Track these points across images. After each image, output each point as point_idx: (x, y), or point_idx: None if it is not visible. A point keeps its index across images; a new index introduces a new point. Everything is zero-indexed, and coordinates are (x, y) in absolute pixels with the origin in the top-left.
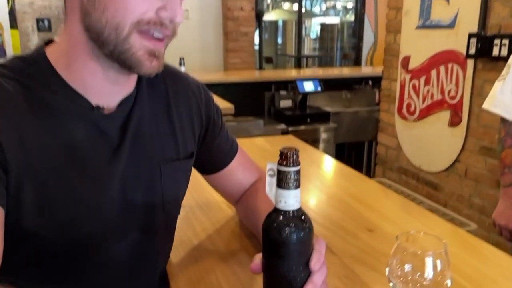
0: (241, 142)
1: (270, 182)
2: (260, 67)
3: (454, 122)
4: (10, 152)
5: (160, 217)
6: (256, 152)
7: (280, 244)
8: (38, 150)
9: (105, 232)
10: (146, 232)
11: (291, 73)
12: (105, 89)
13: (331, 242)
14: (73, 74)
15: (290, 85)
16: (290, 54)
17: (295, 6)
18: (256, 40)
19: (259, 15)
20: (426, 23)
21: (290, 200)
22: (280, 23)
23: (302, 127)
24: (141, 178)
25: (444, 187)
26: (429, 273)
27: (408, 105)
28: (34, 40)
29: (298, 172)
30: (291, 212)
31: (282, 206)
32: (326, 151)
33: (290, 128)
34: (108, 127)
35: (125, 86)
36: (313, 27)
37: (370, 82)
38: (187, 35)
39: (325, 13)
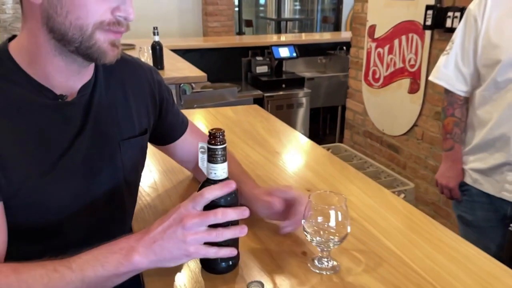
0: (208, 112)
1: (202, 158)
2: (240, 31)
3: (413, 89)
4: None
5: (124, 187)
6: (221, 121)
7: (212, 206)
8: (11, 139)
9: (76, 205)
10: (112, 200)
11: (268, 39)
12: (68, 80)
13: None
14: (37, 69)
15: (267, 51)
16: (270, 17)
17: None
18: (236, 1)
19: None
20: None
21: (218, 172)
22: None
23: (279, 93)
24: (103, 155)
25: (404, 150)
26: (333, 222)
27: (374, 73)
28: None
29: (224, 149)
30: (219, 181)
31: (213, 176)
32: (302, 116)
33: (266, 94)
34: (71, 112)
35: (85, 74)
36: None
37: (344, 48)
38: None
39: None
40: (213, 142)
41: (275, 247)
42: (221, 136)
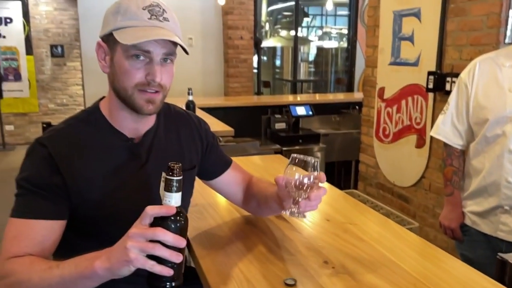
0: (239, 160)
1: (162, 186)
2: (258, 91)
3: (419, 144)
4: (69, 176)
5: None
6: (251, 167)
7: (170, 229)
8: (92, 167)
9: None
10: None
11: (286, 98)
12: (133, 126)
13: (298, 226)
14: (113, 118)
15: (284, 109)
16: (286, 79)
17: (292, 33)
18: (255, 64)
19: (257, 43)
20: (397, 61)
21: (172, 200)
22: (278, 49)
23: (295, 147)
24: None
25: (413, 200)
26: (308, 178)
27: (384, 129)
28: (48, 65)
29: (179, 181)
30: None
31: (167, 203)
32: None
33: (284, 148)
34: (138, 150)
35: (147, 122)
36: (310, 52)
37: (357, 107)
38: (191, 62)
39: (320, 39)
40: (170, 174)
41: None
42: (177, 170)
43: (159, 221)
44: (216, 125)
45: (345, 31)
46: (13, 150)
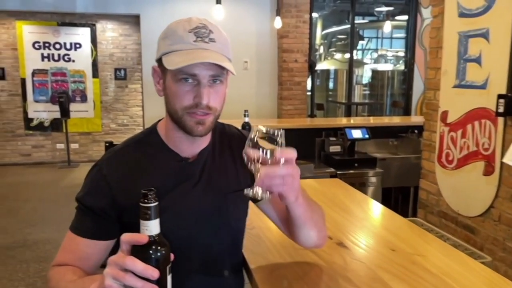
0: None
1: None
2: (312, 113)
3: (488, 171)
4: (122, 196)
5: (227, 231)
6: (308, 191)
7: (144, 257)
8: (147, 185)
9: (188, 240)
10: (218, 241)
11: (340, 121)
12: (188, 146)
13: (362, 256)
14: (169, 139)
15: (339, 132)
16: (340, 102)
17: (347, 55)
18: (308, 86)
19: (312, 66)
20: (462, 83)
21: (150, 228)
22: (332, 71)
23: (350, 171)
24: (213, 202)
25: (480, 231)
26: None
27: (447, 155)
28: (112, 87)
29: (154, 208)
30: (152, 236)
31: (146, 233)
32: (374, 195)
33: (339, 172)
34: (192, 170)
35: (202, 142)
36: (364, 74)
37: (416, 131)
38: (246, 84)
39: (376, 61)
40: (144, 201)
41: None
42: (151, 196)
43: (135, 249)
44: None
45: (402, 54)
46: (77, 167)
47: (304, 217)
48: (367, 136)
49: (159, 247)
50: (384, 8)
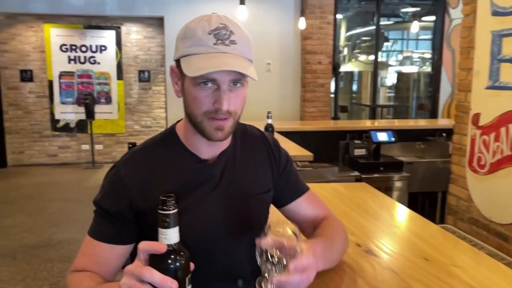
0: (320, 186)
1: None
2: (335, 116)
3: None
4: (140, 197)
5: (247, 236)
6: (334, 196)
7: (163, 268)
8: (164, 188)
9: (209, 245)
10: (237, 245)
11: (365, 123)
12: (208, 148)
13: (392, 265)
14: (188, 140)
15: (364, 135)
16: (365, 104)
17: (371, 57)
18: (332, 88)
19: (335, 68)
20: (495, 84)
21: (168, 236)
22: (356, 73)
23: (375, 175)
24: (233, 206)
25: None
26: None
27: (479, 159)
28: (135, 89)
29: (173, 215)
30: (171, 245)
31: (165, 242)
32: (399, 199)
33: (364, 176)
34: (211, 172)
35: (222, 144)
36: (389, 76)
37: (444, 134)
38: (268, 86)
39: (401, 63)
40: (163, 208)
41: None
42: (170, 203)
43: (153, 259)
44: (294, 150)
45: (428, 55)
46: (101, 168)
47: (330, 266)
48: (393, 139)
49: (178, 257)
50: (410, 9)
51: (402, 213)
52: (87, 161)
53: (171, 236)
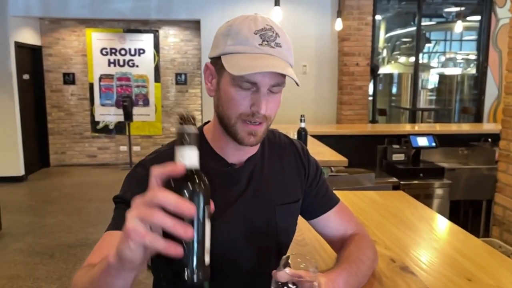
0: (353, 194)
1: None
2: (373, 119)
3: None
4: None
5: (273, 245)
6: (368, 204)
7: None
8: None
9: (233, 253)
10: (262, 254)
11: (404, 128)
12: (236, 152)
13: (432, 285)
14: (216, 144)
15: (403, 139)
16: (404, 107)
17: (412, 59)
18: (370, 91)
19: (374, 70)
20: None
21: (184, 156)
22: (396, 75)
23: (415, 182)
24: (260, 213)
25: None
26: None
27: None
28: (172, 92)
29: (193, 134)
30: (189, 170)
31: (178, 160)
32: (440, 208)
33: (402, 182)
34: (239, 176)
35: (249, 149)
36: (431, 78)
37: (489, 140)
38: (304, 89)
39: (443, 65)
40: (182, 122)
41: None
42: (191, 119)
43: (169, 185)
44: (328, 154)
45: (473, 57)
46: None
47: None
48: (433, 144)
49: (199, 181)
50: (453, 9)
51: (442, 226)
52: (124, 162)
53: (190, 156)
